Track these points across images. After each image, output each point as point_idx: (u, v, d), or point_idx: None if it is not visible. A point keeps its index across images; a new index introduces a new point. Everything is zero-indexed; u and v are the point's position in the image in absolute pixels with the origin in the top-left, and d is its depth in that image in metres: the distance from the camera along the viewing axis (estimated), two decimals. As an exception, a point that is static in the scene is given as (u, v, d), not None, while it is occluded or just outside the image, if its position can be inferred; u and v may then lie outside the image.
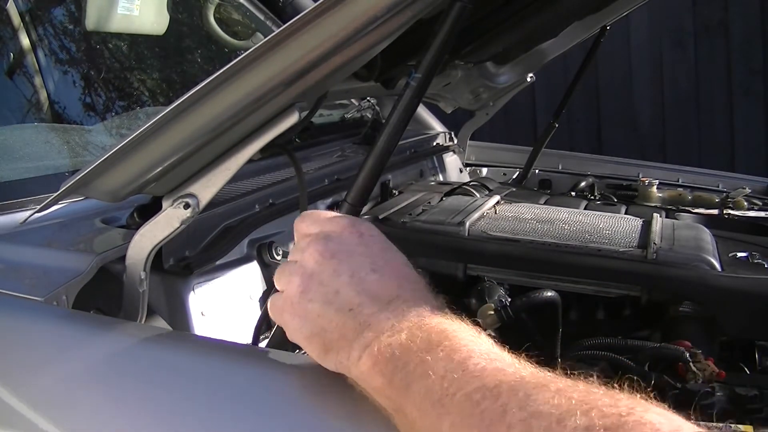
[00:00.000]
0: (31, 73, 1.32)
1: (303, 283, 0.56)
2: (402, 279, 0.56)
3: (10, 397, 0.66)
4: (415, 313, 0.52)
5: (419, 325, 0.51)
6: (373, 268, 0.55)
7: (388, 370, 0.50)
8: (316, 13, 0.58)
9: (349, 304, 0.54)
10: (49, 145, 1.25)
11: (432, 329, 0.51)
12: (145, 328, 0.76)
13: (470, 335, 0.51)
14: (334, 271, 0.55)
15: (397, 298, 0.54)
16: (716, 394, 0.78)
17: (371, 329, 0.52)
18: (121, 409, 0.64)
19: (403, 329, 0.51)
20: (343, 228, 0.58)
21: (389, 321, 0.52)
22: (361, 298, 0.54)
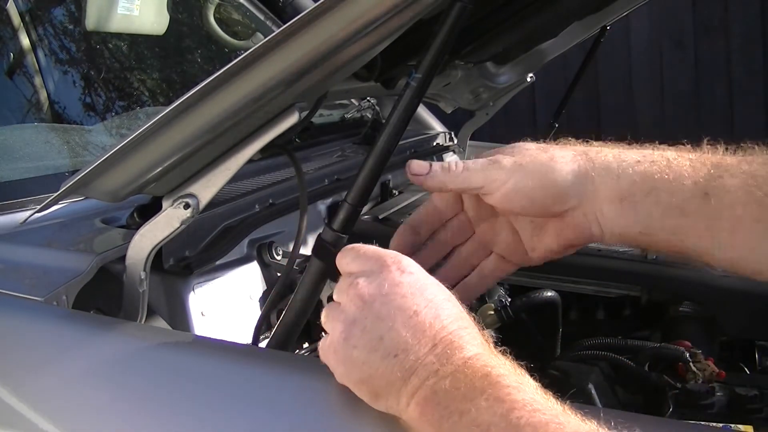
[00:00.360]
0: (31, 73, 1.32)
1: (346, 330, 0.55)
2: (445, 318, 0.54)
3: (10, 397, 0.66)
4: (459, 356, 0.52)
5: (463, 370, 0.51)
6: (416, 310, 0.54)
7: (435, 418, 0.51)
8: (317, 13, 0.58)
9: (393, 350, 0.53)
10: (49, 145, 1.25)
11: (476, 374, 0.51)
12: (145, 328, 0.76)
13: (514, 380, 0.50)
14: (376, 317, 0.54)
15: (441, 341, 0.53)
16: (716, 394, 0.78)
17: (417, 375, 0.52)
18: (121, 409, 0.64)
19: (448, 374, 0.51)
20: (382, 267, 0.57)
21: (434, 365, 0.52)
22: (405, 344, 0.53)
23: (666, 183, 0.59)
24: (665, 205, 0.59)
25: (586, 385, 0.76)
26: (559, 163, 0.62)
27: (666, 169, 0.59)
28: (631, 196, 0.60)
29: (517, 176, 0.62)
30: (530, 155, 0.63)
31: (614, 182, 0.61)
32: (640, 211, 0.60)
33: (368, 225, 1.15)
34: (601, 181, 0.61)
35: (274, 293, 0.83)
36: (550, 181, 0.62)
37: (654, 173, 0.59)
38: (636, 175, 0.60)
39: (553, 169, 0.62)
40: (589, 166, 0.61)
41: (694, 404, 0.76)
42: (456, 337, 0.53)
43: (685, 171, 0.59)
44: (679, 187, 0.58)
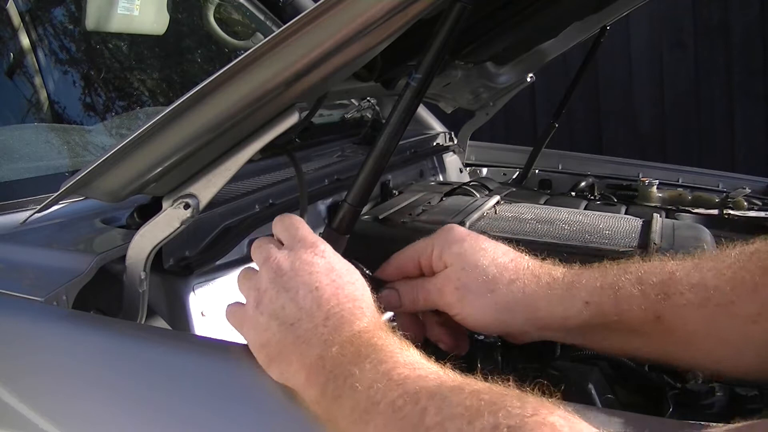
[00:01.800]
0: (31, 73, 1.32)
1: (258, 297, 0.61)
2: (342, 297, 0.59)
3: (10, 397, 0.66)
4: (349, 329, 0.56)
5: (351, 339, 0.55)
6: (317, 286, 0.59)
7: (320, 382, 0.54)
8: (317, 13, 0.58)
9: (291, 319, 0.58)
10: (49, 145, 1.25)
11: (362, 343, 0.54)
12: (145, 328, 0.76)
13: (398, 347, 0.54)
14: (282, 287, 0.60)
15: (334, 315, 0.57)
16: (716, 394, 0.78)
17: (307, 343, 0.56)
18: (121, 409, 0.64)
19: (335, 343, 0.55)
20: (302, 246, 0.62)
21: (323, 336, 0.56)
22: (301, 314, 0.58)
23: (615, 316, 0.61)
24: (615, 331, 0.63)
25: (586, 385, 0.76)
26: (505, 300, 0.64)
27: (613, 304, 0.61)
28: (583, 330, 0.64)
29: (464, 306, 0.65)
30: (477, 285, 0.65)
31: (560, 323, 0.64)
32: (594, 339, 0.65)
33: (368, 225, 1.15)
34: (547, 322, 0.64)
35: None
36: (493, 317, 0.65)
37: (603, 312, 0.62)
38: (583, 316, 0.62)
39: (499, 307, 0.64)
40: (533, 311, 0.64)
41: (694, 404, 0.76)
42: (348, 312, 0.58)
43: (634, 302, 0.60)
44: (629, 318, 0.61)
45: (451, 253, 0.67)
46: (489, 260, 0.65)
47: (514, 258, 0.66)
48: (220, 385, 0.63)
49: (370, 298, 0.61)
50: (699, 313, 0.59)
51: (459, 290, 0.65)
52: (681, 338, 0.60)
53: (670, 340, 0.61)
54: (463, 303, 0.65)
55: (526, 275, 0.64)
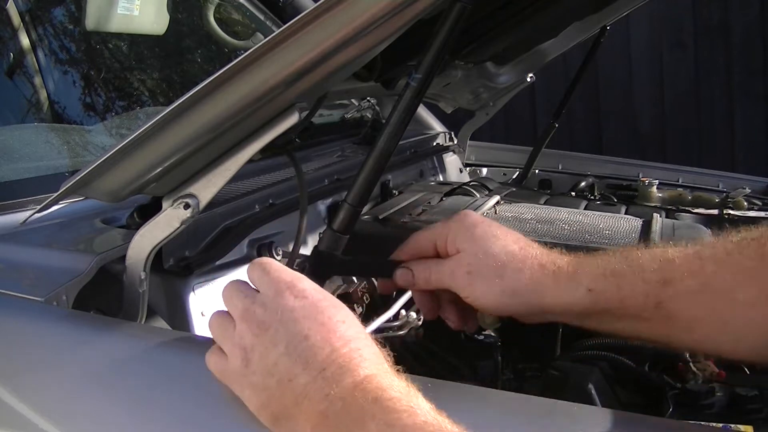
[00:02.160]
0: (31, 73, 1.32)
1: (245, 357, 0.57)
2: (335, 341, 0.55)
3: (10, 397, 0.66)
4: (350, 380, 0.53)
5: (353, 392, 0.52)
6: (306, 334, 0.55)
7: None
8: (317, 13, 0.58)
9: (287, 375, 0.55)
10: (49, 145, 1.25)
11: (367, 397, 0.51)
12: (145, 328, 0.76)
13: (406, 404, 0.51)
14: (270, 343, 0.56)
15: (331, 364, 0.54)
16: (716, 394, 0.78)
17: (308, 399, 0.53)
18: (121, 409, 0.64)
19: (337, 398, 0.52)
20: (277, 292, 0.58)
21: (324, 389, 0.53)
22: (297, 368, 0.54)
23: (618, 303, 0.63)
24: (618, 316, 0.64)
25: (586, 385, 0.76)
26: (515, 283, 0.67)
27: (616, 291, 0.63)
28: (588, 315, 0.65)
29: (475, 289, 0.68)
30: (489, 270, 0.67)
31: (566, 308, 0.66)
32: (598, 323, 0.66)
33: (368, 225, 1.15)
34: (552, 307, 0.66)
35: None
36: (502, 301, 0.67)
37: (607, 299, 0.64)
38: (587, 302, 0.64)
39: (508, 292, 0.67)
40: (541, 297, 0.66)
41: (694, 404, 0.76)
42: (346, 359, 0.54)
43: (636, 288, 0.62)
44: (631, 304, 0.63)
45: (465, 239, 0.69)
46: (499, 247, 0.68)
47: (523, 246, 0.69)
48: (219, 385, 0.63)
49: (363, 331, 0.58)
50: (699, 298, 0.60)
51: (470, 275, 0.68)
52: (682, 323, 0.61)
53: (671, 325, 0.62)
54: (473, 286, 0.68)
55: (533, 264, 0.67)
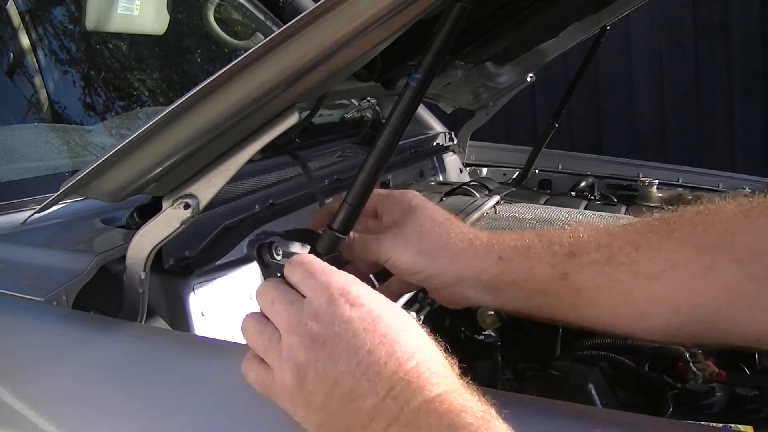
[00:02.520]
0: (31, 73, 1.32)
1: (299, 373, 0.53)
2: (401, 355, 0.51)
3: (10, 397, 0.66)
4: (420, 399, 0.49)
5: (426, 416, 0.49)
6: (369, 349, 0.51)
7: None
8: (317, 13, 0.58)
9: (350, 395, 0.51)
10: (49, 145, 1.25)
11: (440, 420, 0.48)
12: (145, 328, 0.76)
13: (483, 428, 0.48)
14: (328, 359, 0.52)
15: (399, 381, 0.50)
16: (716, 394, 0.78)
17: (376, 421, 0.50)
18: (122, 409, 0.64)
19: (408, 421, 0.49)
20: (330, 301, 0.54)
21: (393, 411, 0.49)
22: (362, 388, 0.50)
23: (525, 273, 0.65)
24: (527, 290, 0.66)
25: (586, 385, 0.76)
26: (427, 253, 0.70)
27: (525, 261, 0.66)
28: (493, 286, 0.68)
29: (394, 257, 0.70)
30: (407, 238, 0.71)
31: (475, 278, 0.68)
32: (503, 296, 0.68)
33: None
34: (464, 275, 0.68)
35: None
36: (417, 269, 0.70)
37: (514, 267, 0.66)
38: (496, 270, 0.67)
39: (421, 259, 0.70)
40: (453, 263, 0.69)
41: (694, 404, 0.76)
42: (414, 376, 0.50)
43: (544, 258, 0.65)
44: (538, 275, 0.65)
45: (397, 209, 0.74)
46: (427, 218, 0.72)
47: (449, 218, 0.72)
48: (220, 385, 0.63)
49: (425, 338, 0.54)
50: (604, 270, 0.62)
51: (395, 236, 0.71)
52: (587, 297, 0.63)
53: (578, 300, 0.63)
54: (395, 248, 0.71)
55: (454, 231, 0.70)
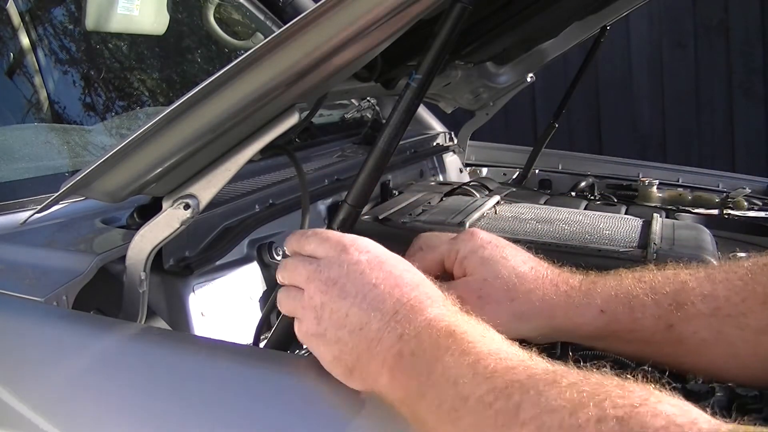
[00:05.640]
0: (31, 73, 1.32)
1: (317, 315, 0.58)
2: (403, 286, 0.57)
3: (10, 397, 0.66)
4: (421, 318, 0.54)
5: (427, 330, 0.53)
6: (375, 283, 0.57)
7: (404, 380, 0.52)
8: (317, 13, 0.58)
9: (358, 324, 0.56)
10: (49, 145, 1.25)
11: (440, 332, 0.52)
12: (145, 328, 0.76)
13: (479, 334, 0.52)
14: (339, 296, 0.57)
15: (402, 307, 0.55)
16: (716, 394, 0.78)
17: (381, 343, 0.54)
18: (121, 410, 0.64)
19: (411, 337, 0.53)
20: (341, 250, 0.60)
21: (397, 330, 0.54)
22: (368, 316, 0.55)
23: (629, 325, 0.63)
24: (628, 341, 0.64)
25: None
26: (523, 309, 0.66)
27: (628, 313, 0.63)
28: (597, 337, 0.65)
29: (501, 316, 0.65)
30: (519, 292, 0.67)
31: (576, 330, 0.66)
32: (604, 344, 0.66)
33: (368, 225, 1.15)
34: (563, 329, 0.66)
35: (274, 294, 0.83)
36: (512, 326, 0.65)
37: (618, 320, 0.64)
38: (599, 323, 0.64)
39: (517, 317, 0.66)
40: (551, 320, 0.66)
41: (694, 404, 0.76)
42: (416, 301, 0.55)
43: (648, 310, 0.63)
44: (642, 327, 0.63)
45: (473, 261, 0.69)
46: (510, 270, 0.68)
47: (534, 266, 0.68)
48: (219, 385, 0.63)
49: (425, 278, 0.59)
50: (709, 322, 0.60)
51: (480, 299, 0.67)
52: (691, 347, 0.61)
53: (681, 349, 0.62)
54: (483, 311, 0.66)
55: (545, 284, 0.67)
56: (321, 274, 0.59)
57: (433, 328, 0.53)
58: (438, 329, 0.52)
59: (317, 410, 0.60)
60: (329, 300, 0.58)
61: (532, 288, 0.66)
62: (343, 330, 0.56)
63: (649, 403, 0.41)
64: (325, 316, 0.58)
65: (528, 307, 0.66)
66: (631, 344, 0.64)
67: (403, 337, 0.53)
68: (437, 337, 0.52)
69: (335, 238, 0.61)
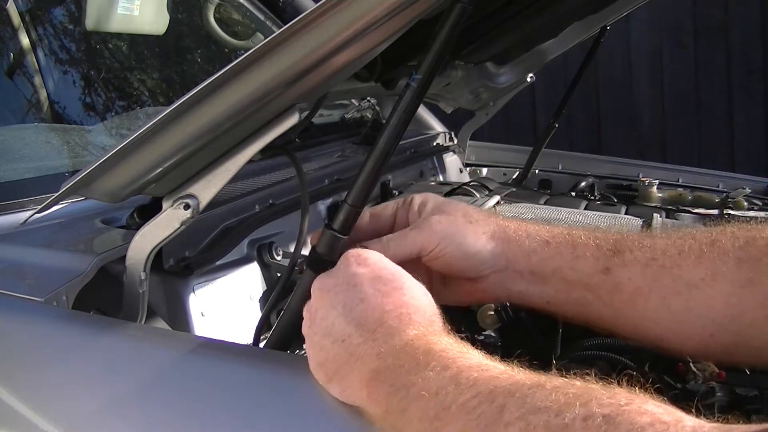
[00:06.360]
0: (31, 73, 1.32)
1: (311, 318, 0.60)
2: (388, 305, 0.57)
3: (10, 397, 0.66)
4: (399, 338, 0.54)
5: (404, 348, 0.53)
6: (362, 298, 0.58)
7: (383, 396, 0.52)
8: (317, 13, 0.58)
9: (341, 336, 0.57)
10: (49, 146, 1.25)
11: (418, 351, 0.53)
12: (146, 328, 0.76)
13: (458, 351, 0.52)
14: (330, 305, 0.59)
15: (381, 326, 0.56)
16: (716, 394, 0.78)
17: (361, 359, 0.55)
18: (121, 410, 0.64)
19: (389, 355, 0.54)
20: (343, 260, 0.62)
21: (374, 349, 0.55)
22: (350, 329, 0.57)
23: (570, 261, 0.65)
24: (569, 281, 0.65)
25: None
26: (480, 237, 0.68)
27: (571, 249, 0.66)
28: (539, 272, 0.67)
29: (443, 243, 0.67)
30: (457, 224, 0.68)
31: (525, 260, 0.67)
32: (547, 286, 0.67)
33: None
34: (514, 257, 0.68)
35: (274, 294, 0.83)
36: (470, 252, 0.68)
37: (561, 253, 0.66)
38: (544, 254, 0.67)
39: (474, 241, 0.68)
40: (505, 245, 0.68)
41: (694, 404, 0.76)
42: (397, 322, 0.56)
43: (588, 250, 0.65)
44: (582, 265, 0.65)
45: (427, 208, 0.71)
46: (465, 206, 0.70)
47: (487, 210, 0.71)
48: (220, 386, 0.63)
49: (424, 300, 0.60)
50: (644, 271, 0.62)
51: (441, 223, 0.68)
52: (626, 295, 0.63)
53: (617, 297, 0.63)
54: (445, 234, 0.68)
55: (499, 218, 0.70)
56: (324, 281, 0.61)
57: (410, 347, 0.53)
58: (416, 347, 0.53)
59: (317, 410, 0.60)
60: (321, 306, 0.60)
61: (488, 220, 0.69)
62: (328, 339, 0.58)
63: (635, 402, 0.41)
64: (316, 321, 0.60)
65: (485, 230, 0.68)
66: (573, 289, 0.65)
67: (380, 355, 0.54)
68: (415, 354, 0.52)
69: (348, 252, 0.63)
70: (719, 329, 0.59)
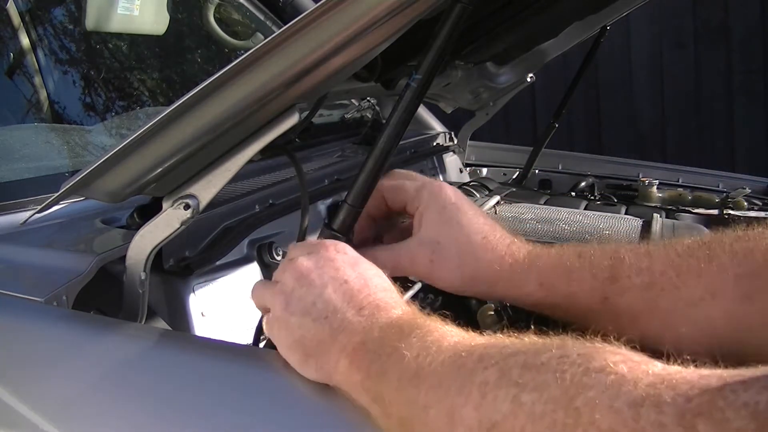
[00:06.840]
0: (31, 73, 1.32)
1: (285, 299, 0.61)
2: (372, 287, 0.59)
3: (10, 397, 0.66)
4: (386, 314, 0.56)
5: (390, 323, 0.55)
6: (345, 279, 0.59)
7: (365, 364, 0.53)
8: (317, 14, 0.58)
9: (324, 313, 0.58)
10: (49, 146, 1.25)
11: (404, 323, 0.54)
12: (146, 328, 0.76)
13: (441, 325, 0.54)
14: (310, 285, 0.60)
15: (368, 304, 0.57)
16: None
17: (345, 332, 0.56)
18: (122, 410, 0.64)
19: (375, 328, 0.55)
20: (320, 246, 0.63)
21: (361, 324, 0.56)
22: (335, 306, 0.58)
23: (566, 298, 0.66)
24: (567, 311, 0.66)
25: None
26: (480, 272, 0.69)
27: (566, 285, 0.66)
28: (536, 307, 0.68)
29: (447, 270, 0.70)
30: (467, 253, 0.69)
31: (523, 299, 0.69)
32: (550, 314, 0.68)
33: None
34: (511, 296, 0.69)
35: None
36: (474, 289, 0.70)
37: (555, 294, 0.66)
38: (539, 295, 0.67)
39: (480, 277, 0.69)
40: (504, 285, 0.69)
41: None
42: (382, 301, 0.58)
43: (584, 284, 0.65)
44: (579, 300, 0.65)
45: (432, 218, 0.71)
46: (465, 237, 0.70)
47: (486, 235, 0.71)
48: (220, 386, 0.63)
49: (393, 288, 0.62)
50: (644, 296, 0.62)
51: (432, 263, 0.70)
52: (627, 319, 0.63)
53: (618, 321, 0.64)
54: (432, 272, 0.71)
55: (493, 256, 0.69)
56: (296, 265, 0.62)
57: (396, 322, 0.55)
58: (402, 322, 0.55)
59: (317, 410, 0.60)
60: (299, 286, 0.60)
61: (480, 257, 0.69)
62: (308, 317, 0.58)
63: (608, 346, 0.44)
64: (293, 301, 0.60)
65: (474, 274, 0.69)
66: (572, 314, 0.66)
67: (366, 329, 0.55)
68: (401, 326, 0.54)
69: (316, 241, 0.65)
70: (723, 340, 0.59)
